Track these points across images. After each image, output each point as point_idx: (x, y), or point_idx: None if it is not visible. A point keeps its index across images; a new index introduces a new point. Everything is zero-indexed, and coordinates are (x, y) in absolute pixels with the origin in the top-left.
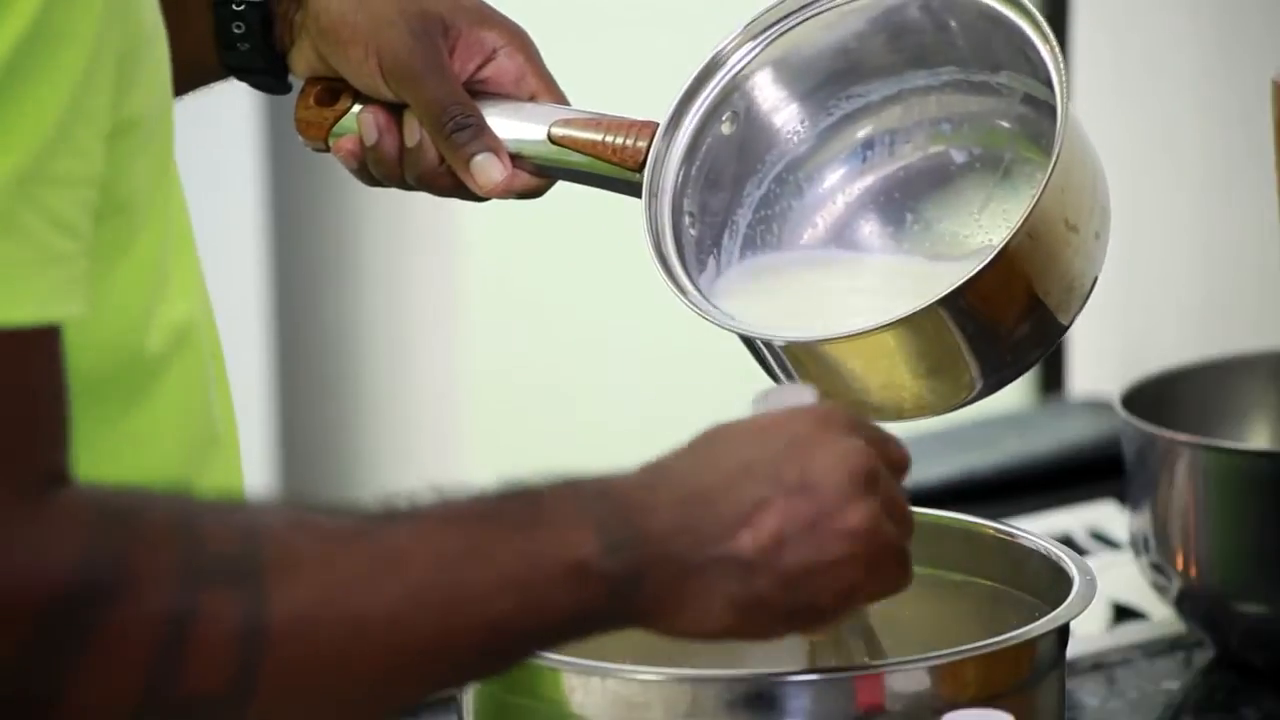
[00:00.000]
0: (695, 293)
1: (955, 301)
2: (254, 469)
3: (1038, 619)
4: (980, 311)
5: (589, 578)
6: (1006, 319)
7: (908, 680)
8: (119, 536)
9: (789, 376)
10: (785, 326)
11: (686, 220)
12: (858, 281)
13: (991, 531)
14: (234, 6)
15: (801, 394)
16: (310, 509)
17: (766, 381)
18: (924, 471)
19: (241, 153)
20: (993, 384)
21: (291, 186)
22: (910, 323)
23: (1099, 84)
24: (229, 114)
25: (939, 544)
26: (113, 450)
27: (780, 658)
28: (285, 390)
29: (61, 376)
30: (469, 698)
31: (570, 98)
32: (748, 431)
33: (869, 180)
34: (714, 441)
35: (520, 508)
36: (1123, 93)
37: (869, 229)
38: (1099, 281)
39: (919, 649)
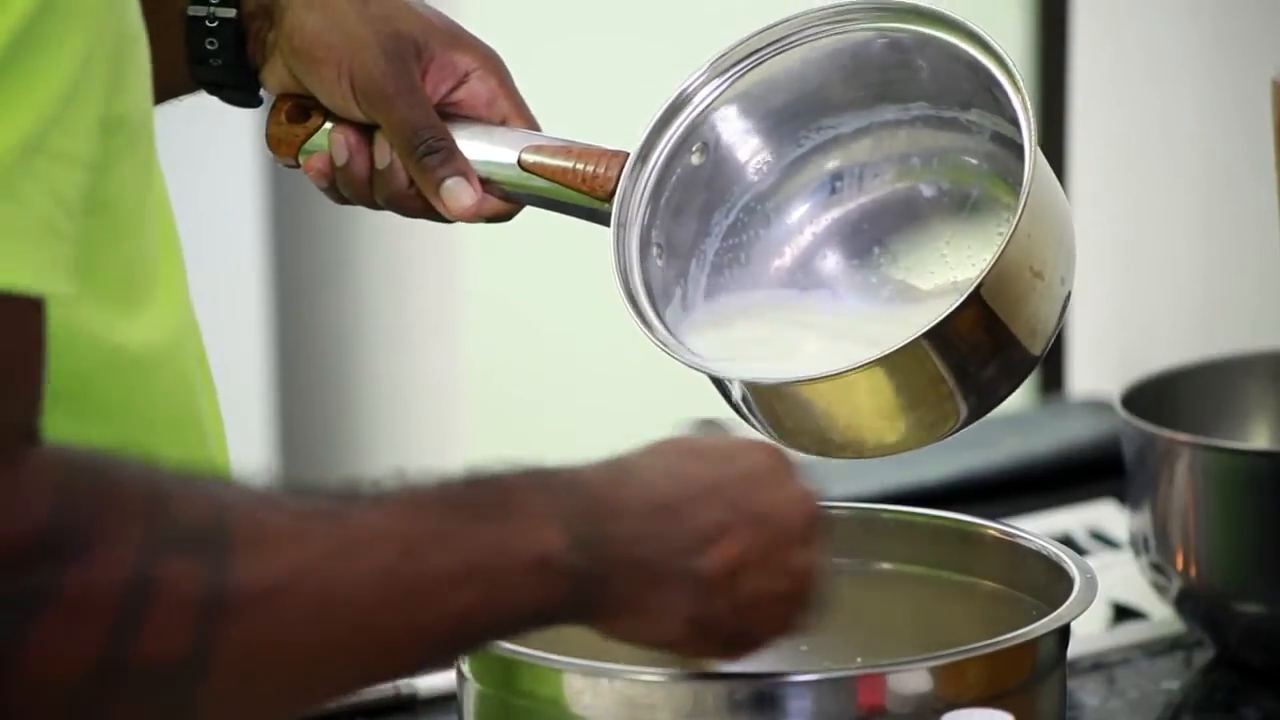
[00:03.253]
0: (662, 329)
1: (928, 340)
2: (253, 469)
3: (1038, 619)
4: (953, 350)
5: (551, 572)
6: (977, 358)
7: (909, 681)
8: (87, 497)
9: (753, 414)
10: (748, 366)
11: (654, 252)
12: (821, 323)
13: (991, 532)
14: (207, 23)
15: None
16: (278, 488)
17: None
18: (924, 471)
19: (241, 153)
20: (963, 420)
21: (291, 188)
22: (883, 363)
23: (1099, 84)
24: (229, 115)
25: (939, 544)
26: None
27: (779, 659)
28: (285, 391)
29: (43, 346)
30: (469, 698)
31: (541, 121)
32: (709, 451)
33: (837, 212)
34: (676, 453)
35: (487, 497)
36: (1123, 93)
37: (835, 261)
38: (1098, 283)
39: (920, 649)
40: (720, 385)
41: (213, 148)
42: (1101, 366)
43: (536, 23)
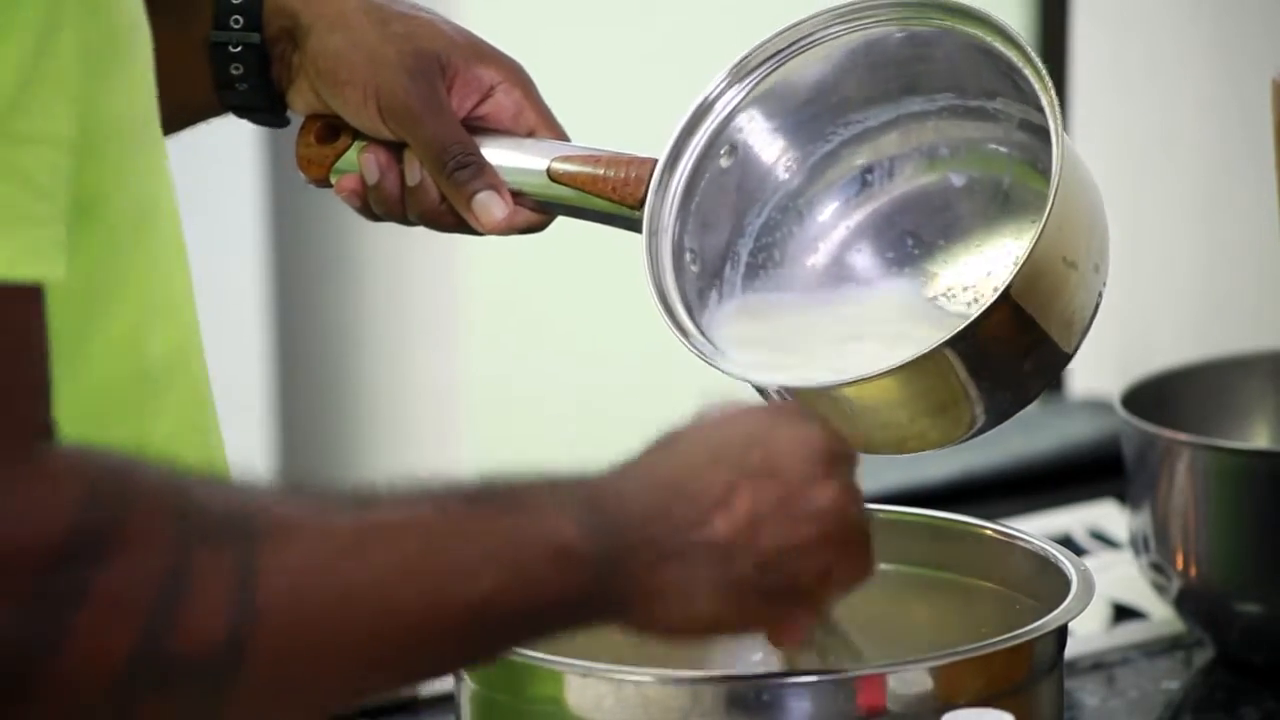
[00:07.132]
0: (699, 337)
1: (957, 345)
2: (253, 471)
3: (1036, 620)
4: (982, 353)
5: (572, 560)
6: (1008, 358)
7: (908, 681)
8: (116, 494)
9: None
10: (785, 372)
11: (688, 257)
12: (859, 320)
13: (990, 532)
14: (230, 48)
15: None
16: (298, 486)
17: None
18: (924, 471)
19: (242, 155)
20: (996, 418)
21: (292, 189)
22: (914, 366)
23: (1099, 84)
24: (228, 117)
25: (938, 544)
26: None
27: (777, 659)
28: (285, 392)
29: (43, 335)
30: (466, 699)
31: (570, 131)
32: (707, 425)
33: (869, 206)
34: (675, 438)
35: (501, 494)
36: (1123, 93)
37: (869, 254)
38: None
39: (918, 650)
40: (761, 391)
41: (212, 149)
42: (1101, 366)
43: (550, 27)
